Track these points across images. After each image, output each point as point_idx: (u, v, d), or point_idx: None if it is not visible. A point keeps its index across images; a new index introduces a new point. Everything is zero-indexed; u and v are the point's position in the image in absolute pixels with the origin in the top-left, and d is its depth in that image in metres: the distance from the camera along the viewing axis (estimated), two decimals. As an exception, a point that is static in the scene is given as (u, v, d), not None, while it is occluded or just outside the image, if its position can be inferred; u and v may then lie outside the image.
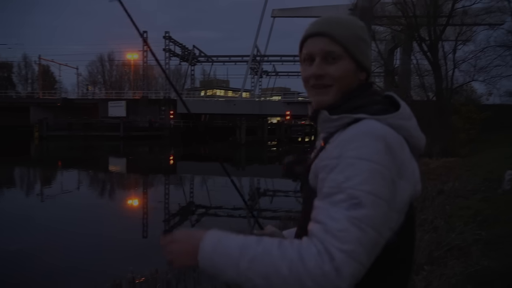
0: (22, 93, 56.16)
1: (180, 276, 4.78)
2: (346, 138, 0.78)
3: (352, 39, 0.87)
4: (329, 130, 0.86)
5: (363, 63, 0.89)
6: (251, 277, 0.70)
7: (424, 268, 3.33)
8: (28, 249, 6.18)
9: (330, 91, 0.87)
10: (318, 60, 0.87)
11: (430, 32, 20.40)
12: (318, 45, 0.87)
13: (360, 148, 0.74)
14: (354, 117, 0.81)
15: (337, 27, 0.87)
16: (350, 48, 0.86)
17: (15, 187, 13.94)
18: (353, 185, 0.71)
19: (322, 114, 0.86)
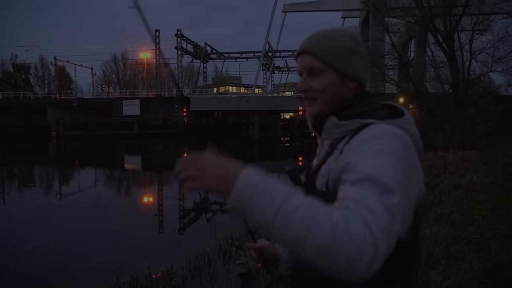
0: (39, 94, 57.48)
1: (196, 272, 4.84)
2: (366, 137, 0.80)
3: (334, 53, 0.91)
4: (336, 136, 0.90)
5: (350, 73, 0.93)
6: (290, 223, 0.64)
7: (441, 263, 3.29)
8: (47, 246, 6.35)
9: (316, 103, 0.94)
10: (304, 76, 0.95)
11: (446, 22, 19.95)
12: (303, 62, 0.95)
13: (383, 143, 0.77)
14: (364, 122, 0.85)
15: (318, 43, 0.93)
16: (332, 62, 0.91)
17: (34, 185, 14.31)
18: (381, 173, 0.71)
19: (330, 121, 0.90)
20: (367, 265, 0.62)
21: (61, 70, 62.63)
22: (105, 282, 4.33)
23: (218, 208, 9.70)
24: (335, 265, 0.62)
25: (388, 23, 24.42)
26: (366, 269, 0.62)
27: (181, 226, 8.06)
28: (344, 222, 0.64)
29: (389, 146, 0.76)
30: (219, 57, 55.99)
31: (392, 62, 26.30)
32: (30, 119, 43.37)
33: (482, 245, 3.63)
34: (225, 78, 70.08)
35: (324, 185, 0.87)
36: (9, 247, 6.40)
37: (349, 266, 0.62)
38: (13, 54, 66.34)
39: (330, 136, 0.92)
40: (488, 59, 20.73)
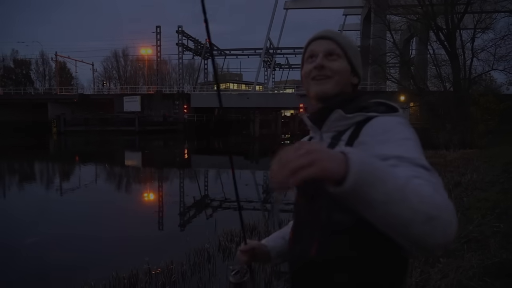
0: (40, 89, 57.45)
1: (195, 268, 4.85)
2: (383, 127, 0.84)
3: (351, 46, 1.02)
4: (338, 129, 0.94)
5: (357, 69, 1.02)
6: (407, 194, 0.63)
7: (440, 261, 3.29)
8: (47, 241, 6.37)
9: (330, 81, 0.97)
10: (321, 55, 0.99)
11: (448, 20, 19.88)
12: (322, 45, 1.00)
13: (403, 131, 0.83)
14: (368, 115, 0.90)
15: (339, 35, 1.02)
16: (349, 52, 1.00)
17: (35, 181, 14.33)
18: (416, 156, 0.76)
19: (336, 113, 0.93)
20: (454, 231, 0.66)
21: (62, 66, 62.58)
22: (105, 277, 4.35)
23: (218, 205, 9.72)
24: (435, 232, 0.64)
25: (390, 20, 24.33)
26: (453, 234, 0.66)
27: (181, 222, 8.07)
28: (437, 191, 0.68)
29: (407, 133, 0.83)
30: (220, 53, 55.89)
31: (393, 60, 26.23)
32: (31, 115, 43.40)
33: (481, 243, 3.63)
34: (226, 75, 69.98)
35: None
36: (9, 242, 6.42)
37: (445, 232, 0.64)
38: (14, 49, 66.55)
39: (332, 129, 0.95)
40: (490, 58, 20.69)
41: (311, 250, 0.92)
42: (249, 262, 1.15)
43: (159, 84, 48.32)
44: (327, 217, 0.89)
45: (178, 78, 50.58)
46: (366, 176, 0.61)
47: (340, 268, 0.88)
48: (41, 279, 4.51)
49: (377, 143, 0.81)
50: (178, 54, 47.53)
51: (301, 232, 0.99)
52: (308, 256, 0.93)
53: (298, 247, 0.99)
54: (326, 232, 0.90)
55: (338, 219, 0.87)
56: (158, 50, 47.65)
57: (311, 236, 0.93)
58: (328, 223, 0.89)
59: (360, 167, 0.61)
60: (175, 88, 46.88)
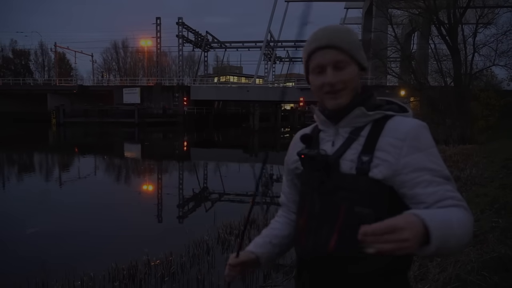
0: (39, 80, 57.17)
1: (194, 260, 4.87)
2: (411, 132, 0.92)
3: (356, 46, 1.00)
4: (357, 125, 0.98)
5: (363, 64, 1.03)
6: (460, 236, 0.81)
7: (439, 255, 3.30)
8: (46, 232, 6.39)
9: (343, 94, 0.99)
10: (330, 70, 0.98)
11: (450, 15, 19.74)
12: (328, 57, 0.98)
13: (429, 139, 0.93)
14: (386, 114, 0.97)
15: (342, 38, 0.99)
16: (354, 54, 0.99)
17: (34, 172, 14.33)
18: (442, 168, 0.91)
19: (359, 110, 0.97)
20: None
21: (61, 57, 62.24)
22: (104, 268, 4.36)
23: (217, 197, 9.74)
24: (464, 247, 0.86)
25: (392, 14, 24.16)
26: None
27: (180, 214, 8.10)
28: (468, 217, 0.86)
29: (431, 140, 0.93)
30: (220, 46, 55.58)
31: (395, 54, 26.10)
32: (30, 106, 43.28)
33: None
34: (226, 67, 69.71)
35: (354, 169, 0.94)
36: (9, 233, 6.44)
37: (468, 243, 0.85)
38: (13, 39, 65.84)
39: (351, 124, 0.99)
40: (491, 53, 20.59)
41: (330, 244, 0.94)
42: (237, 277, 1.15)
43: (159, 76, 48.10)
44: (348, 211, 0.92)
45: (178, 70, 50.38)
46: (440, 242, 0.75)
47: (359, 260, 0.90)
48: (40, 270, 4.52)
49: (409, 150, 0.90)
50: (178, 46, 47.28)
51: (315, 225, 0.99)
52: (325, 250, 0.95)
53: (311, 240, 0.99)
54: (346, 226, 0.92)
55: (361, 213, 0.90)
56: (158, 42, 47.36)
57: (329, 230, 0.95)
58: (349, 217, 0.91)
59: (437, 239, 0.74)
60: (175, 81, 46.67)
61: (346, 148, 0.97)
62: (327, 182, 0.97)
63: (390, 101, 1.04)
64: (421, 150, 0.90)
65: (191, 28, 49.07)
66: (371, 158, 0.92)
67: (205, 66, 58.02)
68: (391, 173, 0.90)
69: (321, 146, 1.03)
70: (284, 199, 1.22)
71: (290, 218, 1.19)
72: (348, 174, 0.94)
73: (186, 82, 49.16)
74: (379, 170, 0.91)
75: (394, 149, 0.91)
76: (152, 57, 57.58)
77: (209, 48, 55.45)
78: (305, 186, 1.05)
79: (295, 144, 1.14)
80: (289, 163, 1.15)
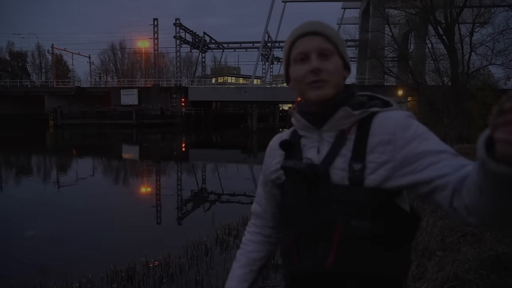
0: (36, 82, 57.03)
1: (193, 261, 4.87)
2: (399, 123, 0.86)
3: (339, 40, 0.95)
4: (342, 127, 0.91)
5: (347, 62, 0.97)
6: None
7: (437, 254, 3.31)
8: (45, 234, 6.36)
9: (328, 85, 0.91)
10: (314, 56, 0.91)
11: (446, 14, 19.80)
12: (313, 43, 0.91)
13: (418, 125, 0.86)
14: (371, 111, 0.90)
15: (327, 28, 0.94)
16: (340, 47, 0.94)
17: (32, 174, 14.28)
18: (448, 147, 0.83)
19: (343, 111, 0.89)
20: None
21: (59, 59, 62.11)
22: (103, 270, 4.35)
23: (216, 198, 9.73)
24: None
25: (389, 14, 24.24)
26: None
27: (178, 216, 8.08)
28: None
29: (421, 126, 0.87)
30: (218, 47, 55.55)
31: (392, 54, 26.16)
32: (27, 108, 43.16)
33: (477, 236, 3.65)
34: (223, 68, 69.68)
35: (347, 179, 0.87)
36: (7, 234, 6.41)
37: None
38: (10, 41, 66.01)
39: (336, 127, 0.91)
40: (488, 52, 20.62)
41: (328, 261, 0.88)
42: None
43: (156, 77, 48.05)
44: (345, 226, 0.86)
45: (175, 71, 50.27)
46: None
47: (359, 275, 0.88)
48: (38, 272, 4.51)
49: (403, 143, 0.84)
50: (175, 47, 47.18)
51: (307, 241, 0.92)
52: (323, 267, 0.89)
53: (306, 258, 0.92)
54: (344, 242, 0.87)
55: (358, 227, 0.85)
56: (156, 43, 47.30)
57: (325, 246, 0.88)
58: (347, 232, 0.86)
59: None
60: (173, 82, 46.64)
61: (334, 155, 0.89)
62: (318, 195, 0.89)
63: (372, 96, 0.97)
64: (416, 138, 0.83)
65: (188, 29, 49.04)
66: (363, 165, 0.85)
67: (203, 67, 58.03)
68: (390, 172, 0.84)
69: (305, 154, 0.95)
70: (260, 209, 1.13)
71: (265, 235, 1.13)
72: (340, 185, 0.87)
73: (184, 83, 49.13)
74: (376, 175, 0.85)
75: (387, 147, 0.85)
76: (149, 58, 57.49)
77: (206, 49, 55.42)
78: (290, 198, 0.97)
79: (273, 152, 1.05)
80: (268, 173, 1.05)
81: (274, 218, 1.11)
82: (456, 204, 0.75)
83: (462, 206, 0.74)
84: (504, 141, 0.58)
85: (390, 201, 0.86)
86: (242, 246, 1.16)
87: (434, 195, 0.80)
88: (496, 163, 0.60)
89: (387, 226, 0.86)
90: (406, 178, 0.83)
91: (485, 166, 0.62)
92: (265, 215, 1.13)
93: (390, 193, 0.86)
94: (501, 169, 0.59)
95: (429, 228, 4.04)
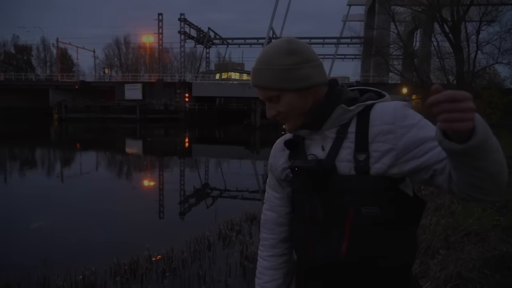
0: (41, 76, 57.17)
1: (196, 255, 4.88)
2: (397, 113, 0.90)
3: (278, 79, 0.94)
4: (342, 122, 0.96)
5: (304, 86, 0.94)
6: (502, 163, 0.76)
7: (440, 252, 3.30)
8: (48, 227, 6.41)
9: (290, 119, 0.99)
10: (267, 104, 0.99)
11: (453, 12, 19.63)
12: (260, 94, 0.99)
13: (414, 114, 0.91)
14: (366, 104, 0.94)
15: (261, 76, 0.95)
16: (284, 86, 0.94)
17: (36, 167, 14.37)
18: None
19: (340, 109, 0.94)
20: None
21: (63, 52, 62.18)
22: (106, 263, 4.38)
23: (218, 194, 9.75)
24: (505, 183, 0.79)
25: (394, 11, 24.05)
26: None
27: (181, 210, 8.11)
28: None
29: (417, 114, 0.91)
30: (222, 42, 55.43)
31: (397, 51, 26.00)
32: (32, 101, 43.33)
33: (481, 236, 3.64)
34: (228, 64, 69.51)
35: (353, 169, 0.92)
36: (11, 227, 6.46)
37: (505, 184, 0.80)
38: (15, 34, 66.06)
39: (336, 123, 0.96)
40: (495, 51, 20.48)
41: (341, 249, 0.92)
42: None
43: (160, 72, 48.04)
44: (356, 213, 0.90)
45: (179, 66, 50.25)
46: (485, 135, 0.70)
47: (373, 260, 0.92)
48: (42, 264, 4.54)
49: (403, 131, 0.88)
50: (180, 42, 47.13)
51: (321, 231, 0.96)
52: (338, 255, 0.93)
53: (320, 247, 0.96)
54: (356, 229, 0.91)
55: (368, 213, 0.89)
56: (160, 38, 47.27)
57: (338, 234, 0.93)
58: (358, 219, 0.90)
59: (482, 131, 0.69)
60: (177, 77, 46.59)
61: (338, 148, 0.95)
62: (327, 187, 0.94)
63: (363, 90, 1.02)
64: (414, 126, 0.88)
65: (193, 24, 48.93)
66: (368, 155, 0.91)
67: (207, 62, 57.91)
68: (394, 159, 0.89)
69: (309, 152, 1.00)
70: (273, 215, 1.13)
71: (279, 255, 1.14)
72: (347, 175, 0.92)
73: (187, 78, 49.06)
74: (381, 164, 0.90)
75: (388, 135, 0.90)
76: (154, 53, 57.52)
77: (211, 45, 55.30)
78: (300, 194, 1.01)
79: (277, 153, 1.10)
80: (277, 173, 1.10)
81: (289, 221, 1.12)
82: (452, 185, 0.84)
83: (454, 186, 0.83)
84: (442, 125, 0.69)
85: (395, 187, 0.91)
86: (258, 275, 1.15)
87: (434, 178, 0.87)
88: (448, 142, 0.71)
89: (394, 211, 0.90)
90: (409, 163, 0.89)
91: (442, 145, 0.72)
92: (280, 219, 1.13)
93: (394, 179, 0.91)
94: (452, 146, 0.70)
95: (433, 226, 4.03)
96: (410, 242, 0.96)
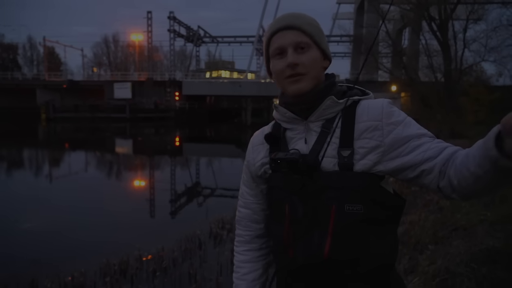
0: (28, 75, 56.19)
1: (186, 254, 4.86)
2: (377, 110, 0.91)
3: (317, 30, 0.95)
4: (328, 116, 0.93)
5: (326, 52, 0.97)
6: None
7: (429, 247, 3.35)
8: (38, 228, 6.32)
9: (306, 78, 0.92)
10: (291, 51, 0.92)
11: (440, 10, 19.84)
12: (288, 37, 0.92)
13: (399, 112, 0.92)
14: (354, 99, 0.94)
15: (303, 20, 0.94)
16: (316, 38, 0.94)
17: (24, 168, 14.14)
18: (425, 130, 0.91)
19: (329, 100, 0.92)
20: None
21: (51, 51, 61.20)
22: (95, 264, 4.34)
23: (209, 193, 9.72)
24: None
25: (383, 10, 24.22)
26: None
27: (172, 209, 8.07)
28: None
29: (402, 112, 0.92)
30: (212, 41, 55.26)
31: (386, 49, 26.21)
32: (19, 101, 42.52)
33: (469, 231, 3.69)
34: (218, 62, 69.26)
35: (337, 165, 0.90)
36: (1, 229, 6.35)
37: None
38: (0, 33, 64.56)
39: (322, 117, 0.94)
40: (481, 49, 20.75)
41: (324, 249, 0.89)
42: None
43: (150, 71, 47.63)
44: (339, 210, 0.87)
45: (169, 65, 49.99)
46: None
47: (356, 260, 0.89)
48: (31, 266, 4.48)
49: (389, 128, 0.89)
50: (169, 41, 46.88)
51: (302, 231, 0.92)
52: (321, 256, 0.89)
53: (302, 248, 0.92)
54: (339, 227, 0.88)
55: (352, 211, 0.87)
56: (149, 36, 46.86)
57: (321, 234, 0.89)
58: (341, 217, 0.88)
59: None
60: (167, 75, 46.25)
61: (322, 143, 0.91)
62: (310, 184, 0.90)
63: (350, 87, 1.00)
64: (399, 123, 0.89)
65: (182, 23, 48.64)
66: (352, 151, 0.89)
67: (197, 61, 57.65)
68: (380, 156, 0.88)
69: (292, 146, 0.96)
70: (248, 212, 1.09)
71: (255, 249, 1.10)
72: (331, 171, 0.89)
73: (178, 77, 48.74)
74: (366, 160, 0.88)
75: (375, 132, 0.89)
76: (143, 51, 56.98)
77: (201, 43, 55.08)
78: (279, 190, 0.96)
79: (257, 147, 1.05)
80: (254, 169, 1.04)
81: (265, 218, 1.09)
82: (442, 184, 0.84)
83: (447, 186, 0.83)
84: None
85: (377, 185, 0.91)
86: (236, 269, 1.11)
87: (421, 178, 0.87)
88: (508, 160, 0.66)
89: (377, 208, 0.89)
90: (395, 161, 0.88)
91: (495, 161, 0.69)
92: (254, 216, 1.09)
93: (377, 177, 0.90)
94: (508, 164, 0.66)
95: (421, 222, 4.08)
96: (392, 240, 0.94)
